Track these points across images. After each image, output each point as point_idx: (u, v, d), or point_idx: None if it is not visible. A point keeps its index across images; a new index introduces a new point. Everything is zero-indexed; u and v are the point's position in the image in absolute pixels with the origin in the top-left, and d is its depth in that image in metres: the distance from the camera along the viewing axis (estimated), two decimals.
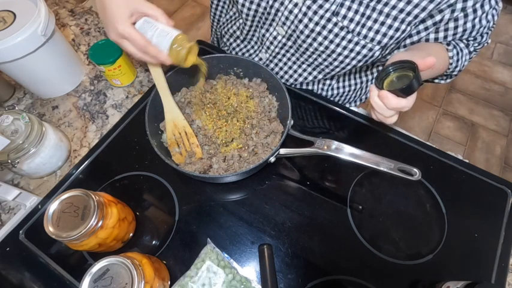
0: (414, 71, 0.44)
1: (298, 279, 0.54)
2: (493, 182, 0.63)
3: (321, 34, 0.58)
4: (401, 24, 0.54)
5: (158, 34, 0.50)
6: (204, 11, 2.31)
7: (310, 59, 0.66)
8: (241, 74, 0.70)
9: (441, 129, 1.81)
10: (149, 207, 0.61)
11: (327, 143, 0.53)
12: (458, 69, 0.63)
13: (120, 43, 0.51)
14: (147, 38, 0.50)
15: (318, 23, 0.57)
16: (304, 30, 0.59)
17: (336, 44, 0.58)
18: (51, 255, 0.56)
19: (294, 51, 0.67)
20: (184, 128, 0.61)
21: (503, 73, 2.01)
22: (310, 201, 0.61)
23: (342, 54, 0.60)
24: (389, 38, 0.55)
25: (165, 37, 0.50)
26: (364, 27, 0.55)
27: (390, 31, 0.55)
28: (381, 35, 0.55)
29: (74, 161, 0.67)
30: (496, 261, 0.55)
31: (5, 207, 0.62)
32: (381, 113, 0.49)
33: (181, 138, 0.60)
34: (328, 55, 0.61)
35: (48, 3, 0.93)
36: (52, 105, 0.75)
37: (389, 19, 0.53)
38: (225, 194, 0.62)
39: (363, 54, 0.58)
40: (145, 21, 0.51)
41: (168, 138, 0.61)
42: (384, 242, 0.57)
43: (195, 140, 0.61)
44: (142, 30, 0.50)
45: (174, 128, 0.61)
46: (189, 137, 0.61)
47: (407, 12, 0.52)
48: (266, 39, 0.69)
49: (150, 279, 0.44)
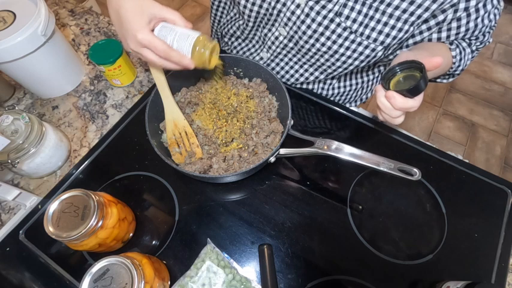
0: (421, 71, 0.44)
1: (298, 279, 0.54)
2: (493, 182, 0.63)
3: (324, 34, 0.58)
4: (404, 25, 0.54)
5: (178, 38, 0.47)
6: (204, 11, 2.31)
7: (312, 60, 0.66)
8: (241, 74, 0.70)
9: (441, 129, 1.81)
10: (149, 207, 0.61)
11: (327, 143, 0.53)
12: (461, 69, 0.63)
13: (140, 52, 0.48)
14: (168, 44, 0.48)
15: (321, 24, 0.57)
16: (306, 30, 0.59)
17: (338, 44, 0.58)
18: (51, 255, 0.56)
19: (295, 52, 0.67)
20: (185, 128, 0.61)
21: (503, 73, 2.01)
22: (310, 201, 0.61)
23: (345, 55, 0.60)
24: (392, 38, 0.55)
25: (186, 40, 0.47)
26: (367, 27, 0.55)
27: (393, 31, 0.55)
28: (384, 35, 0.55)
29: (74, 161, 0.67)
30: (496, 261, 0.55)
31: (5, 207, 0.62)
32: (388, 113, 0.49)
33: (182, 138, 0.60)
34: (330, 55, 0.61)
35: (48, 3, 0.93)
36: (52, 105, 0.75)
37: (392, 19, 0.53)
38: (225, 194, 0.62)
39: (366, 55, 0.58)
40: (162, 26, 0.48)
41: (168, 138, 0.61)
42: (383, 242, 0.57)
43: (195, 140, 0.61)
44: (162, 37, 0.48)
45: (174, 128, 0.60)
46: (189, 137, 0.61)
47: (410, 12, 0.52)
48: (268, 39, 0.69)
49: (150, 279, 0.44)
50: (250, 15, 0.65)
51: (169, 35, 0.48)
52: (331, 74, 0.68)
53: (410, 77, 0.47)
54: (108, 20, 0.91)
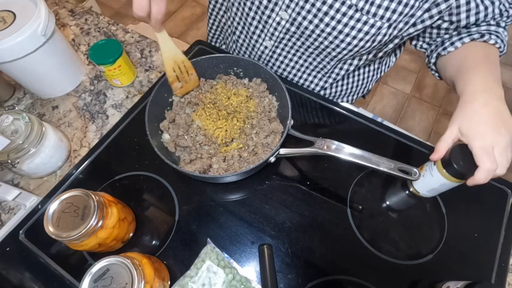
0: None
1: (298, 279, 0.54)
2: (493, 182, 0.63)
3: (328, 14, 0.57)
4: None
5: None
6: (204, 11, 2.31)
7: (315, 43, 0.64)
8: (241, 74, 0.70)
9: (441, 129, 1.81)
10: (149, 207, 0.61)
11: (327, 143, 0.53)
12: (505, 47, 0.61)
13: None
14: None
15: (325, 2, 0.56)
16: (311, 9, 0.58)
17: (343, 23, 0.57)
18: (51, 255, 0.56)
19: (298, 35, 0.66)
20: (184, 62, 0.62)
21: (503, 73, 1.99)
22: (310, 201, 0.61)
23: (350, 35, 0.59)
24: (398, 14, 0.54)
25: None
26: (373, 4, 0.54)
27: (400, 7, 0.53)
28: (391, 11, 0.54)
29: (74, 161, 0.67)
30: (496, 261, 0.55)
31: (5, 207, 0.62)
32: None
33: (182, 72, 0.63)
34: (334, 37, 0.60)
35: (48, 3, 0.93)
36: (52, 105, 0.75)
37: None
38: (225, 194, 0.63)
39: (371, 34, 0.57)
40: None
41: (169, 75, 0.62)
42: (384, 242, 0.57)
43: (193, 71, 0.64)
44: None
45: (174, 64, 0.62)
46: (188, 69, 0.64)
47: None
48: (270, 26, 0.67)
49: (150, 279, 0.44)
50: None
51: None
52: (336, 58, 0.66)
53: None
54: (108, 20, 0.91)
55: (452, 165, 0.49)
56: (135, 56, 0.84)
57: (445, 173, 0.51)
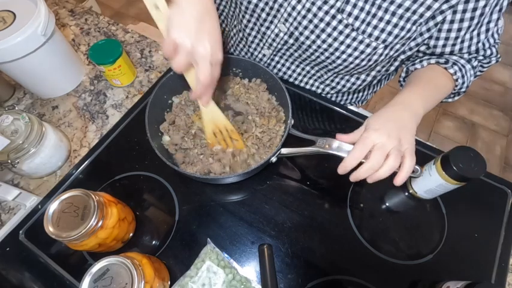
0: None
1: (298, 279, 0.54)
2: (493, 182, 0.63)
3: (325, 31, 0.58)
4: (406, 23, 0.53)
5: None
6: None
7: (312, 56, 0.65)
8: (240, 74, 0.70)
9: (441, 129, 1.81)
10: (149, 207, 0.61)
11: (328, 142, 0.53)
12: (465, 86, 0.62)
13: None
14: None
15: (323, 20, 0.57)
16: (308, 25, 0.59)
17: (339, 41, 0.58)
18: (51, 255, 0.56)
19: (296, 48, 0.66)
20: (226, 126, 0.59)
21: (503, 73, 2.01)
22: (310, 201, 0.61)
23: (345, 53, 0.59)
24: (394, 37, 0.55)
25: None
26: (369, 25, 0.55)
27: (396, 30, 0.54)
28: (386, 33, 0.55)
29: (74, 161, 0.67)
30: (496, 261, 0.55)
31: (5, 207, 0.62)
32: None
33: (223, 136, 0.59)
34: (331, 53, 0.61)
35: (48, 3, 0.93)
36: (52, 105, 0.75)
37: (395, 18, 0.53)
38: (225, 194, 0.62)
39: (367, 53, 0.58)
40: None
41: (209, 138, 0.60)
42: (384, 242, 0.57)
43: (237, 136, 0.60)
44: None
45: (215, 128, 0.59)
46: (231, 134, 0.60)
47: (413, 10, 0.52)
48: (268, 37, 0.68)
49: (150, 279, 0.44)
50: (248, 7, 0.63)
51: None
52: (333, 71, 0.67)
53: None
54: (108, 20, 0.91)
55: (452, 167, 0.49)
56: (135, 56, 0.84)
57: (444, 174, 0.51)
